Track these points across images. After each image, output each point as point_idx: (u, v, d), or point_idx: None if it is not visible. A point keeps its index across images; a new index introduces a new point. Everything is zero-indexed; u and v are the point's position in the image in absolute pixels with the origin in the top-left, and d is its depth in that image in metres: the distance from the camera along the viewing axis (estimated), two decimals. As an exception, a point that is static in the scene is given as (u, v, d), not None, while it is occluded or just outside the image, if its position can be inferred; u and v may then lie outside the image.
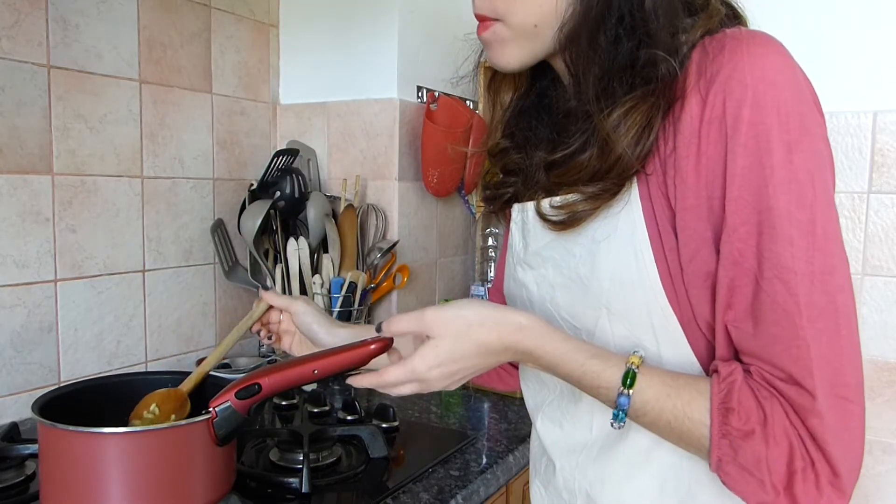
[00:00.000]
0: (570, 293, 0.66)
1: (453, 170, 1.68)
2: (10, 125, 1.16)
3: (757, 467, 0.55)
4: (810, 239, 0.54)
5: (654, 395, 0.58)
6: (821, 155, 0.56)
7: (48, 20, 1.21)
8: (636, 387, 0.58)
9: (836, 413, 0.54)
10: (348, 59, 1.64)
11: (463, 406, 1.37)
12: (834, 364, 0.54)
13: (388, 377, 0.63)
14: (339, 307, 1.51)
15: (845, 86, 1.41)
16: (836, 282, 0.55)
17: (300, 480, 0.94)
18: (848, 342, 0.55)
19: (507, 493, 1.14)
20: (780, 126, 0.55)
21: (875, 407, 1.44)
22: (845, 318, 0.55)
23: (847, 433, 0.55)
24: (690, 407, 0.57)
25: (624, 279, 0.61)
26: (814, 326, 0.54)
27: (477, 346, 0.62)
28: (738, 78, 0.56)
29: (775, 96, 0.55)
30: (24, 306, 1.20)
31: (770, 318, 0.55)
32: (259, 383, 0.78)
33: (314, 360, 0.74)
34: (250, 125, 1.64)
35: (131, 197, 1.37)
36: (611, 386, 0.59)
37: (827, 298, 0.54)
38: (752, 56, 0.56)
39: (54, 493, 0.78)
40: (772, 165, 0.54)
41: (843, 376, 0.54)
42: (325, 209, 1.56)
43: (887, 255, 1.41)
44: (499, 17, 0.66)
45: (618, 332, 0.63)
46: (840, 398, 0.54)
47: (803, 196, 0.54)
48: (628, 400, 0.58)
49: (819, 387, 0.54)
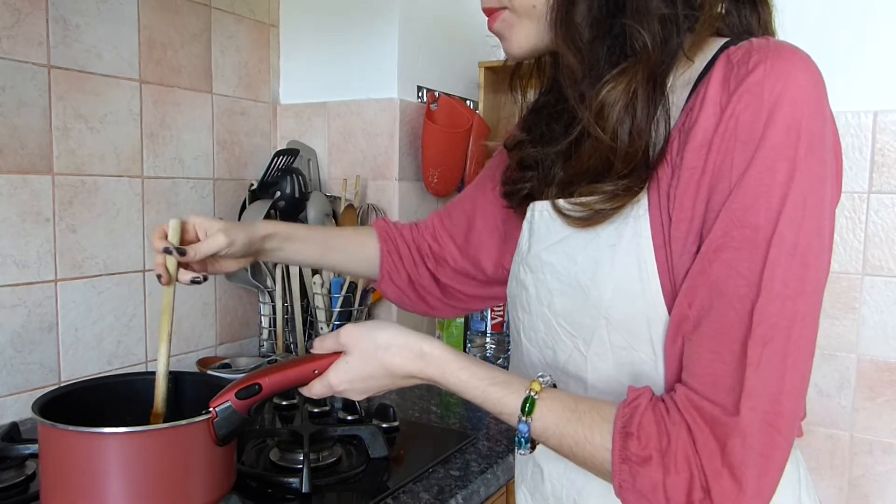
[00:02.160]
0: (568, 300, 0.66)
1: (453, 170, 1.68)
2: (11, 125, 1.17)
3: (654, 494, 0.54)
4: (789, 260, 0.53)
5: (555, 420, 0.58)
6: (820, 177, 0.55)
7: (48, 20, 1.21)
8: (535, 413, 0.59)
9: (762, 438, 0.53)
10: (348, 59, 1.64)
11: (463, 406, 1.37)
12: (773, 390, 0.53)
13: (313, 390, 0.71)
14: (340, 307, 1.51)
15: (845, 86, 1.41)
16: (799, 308, 0.54)
17: (300, 480, 0.94)
18: (793, 371, 0.53)
19: (507, 494, 1.14)
20: (790, 145, 0.54)
21: (875, 407, 1.44)
22: (796, 347, 0.53)
23: (766, 461, 0.53)
24: (591, 431, 0.57)
25: (626, 289, 0.61)
26: (763, 348, 0.53)
27: (384, 368, 0.66)
28: (758, 93, 0.55)
29: (791, 115, 0.54)
30: (24, 306, 1.20)
31: (715, 334, 0.55)
32: (259, 383, 0.78)
33: (314, 360, 0.74)
34: (250, 125, 1.64)
35: (131, 197, 1.37)
36: (512, 412, 0.60)
37: (786, 323, 0.53)
38: (776, 73, 0.55)
39: (54, 493, 0.78)
40: (770, 184, 0.54)
41: (779, 405, 0.53)
42: (325, 209, 1.56)
43: (887, 255, 1.41)
44: (503, 5, 0.69)
45: (616, 342, 0.62)
46: (769, 425, 0.53)
47: (793, 218, 0.54)
48: (528, 427, 0.59)
49: (747, 407, 0.52)
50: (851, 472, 1.47)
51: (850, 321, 1.45)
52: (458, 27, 1.83)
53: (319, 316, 1.54)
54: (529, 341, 0.72)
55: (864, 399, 1.45)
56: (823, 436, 1.49)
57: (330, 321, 1.53)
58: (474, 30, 1.92)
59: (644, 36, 0.59)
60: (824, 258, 0.55)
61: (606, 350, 0.63)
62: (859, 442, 1.46)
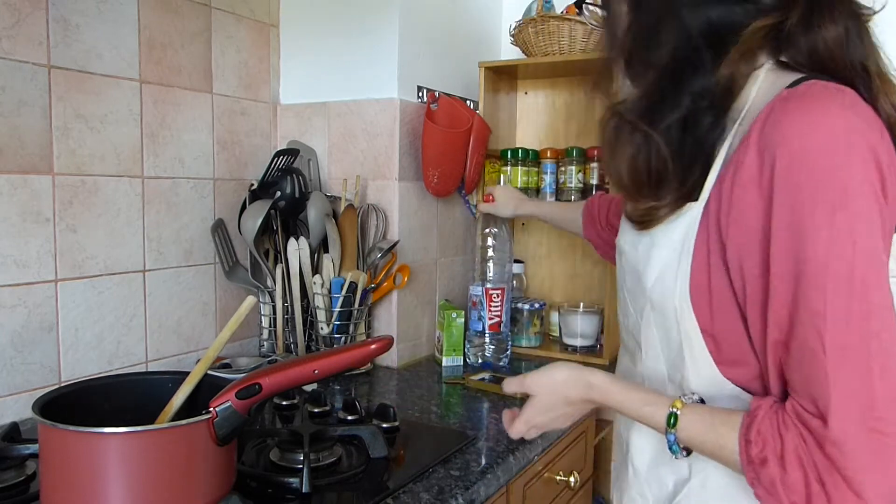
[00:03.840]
0: (632, 280, 0.81)
1: (454, 170, 1.68)
2: (11, 125, 1.17)
3: (773, 490, 0.63)
4: (847, 286, 0.60)
5: (696, 431, 0.70)
6: (866, 216, 0.61)
7: (48, 20, 1.21)
8: (679, 425, 0.71)
9: (865, 443, 0.60)
10: (348, 59, 1.64)
11: (463, 406, 1.37)
12: (863, 399, 0.60)
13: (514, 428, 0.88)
14: (340, 307, 1.51)
15: (846, 86, 1.41)
16: (872, 326, 0.60)
17: (300, 480, 0.94)
18: (881, 380, 0.60)
19: (507, 494, 1.14)
20: (823, 190, 0.61)
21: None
22: (879, 358, 0.60)
23: (878, 461, 0.60)
24: (725, 439, 0.68)
25: (665, 279, 0.74)
26: (842, 366, 0.60)
27: (564, 399, 0.83)
28: (787, 144, 0.62)
29: (821, 163, 0.61)
30: (24, 306, 1.20)
31: (801, 358, 0.63)
32: (259, 383, 0.78)
33: (314, 360, 0.74)
34: (251, 125, 1.64)
35: (132, 197, 1.37)
36: (660, 426, 0.73)
37: (860, 340, 0.60)
38: (808, 121, 0.62)
39: (55, 493, 0.78)
40: (813, 226, 0.61)
41: (875, 410, 0.60)
42: (325, 209, 1.56)
43: (888, 255, 1.41)
44: None
45: (656, 320, 0.76)
46: (871, 430, 0.60)
47: (842, 250, 0.60)
48: (674, 436, 0.72)
49: (837, 419, 0.60)
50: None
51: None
52: (458, 27, 1.83)
53: (319, 316, 1.54)
54: (618, 305, 0.89)
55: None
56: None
57: (330, 321, 1.53)
58: (474, 30, 1.92)
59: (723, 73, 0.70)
60: (884, 279, 0.62)
61: (651, 323, 0.78)
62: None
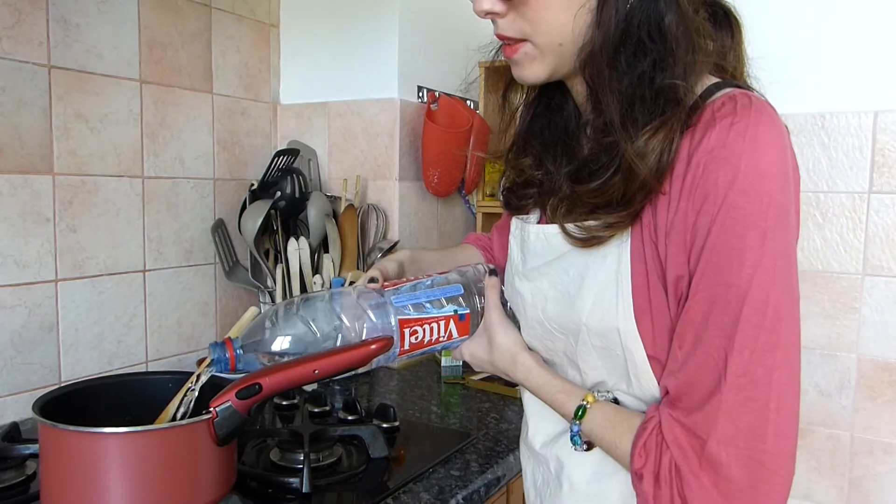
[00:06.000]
0: (559, 306, 0.74)
1: (454, 170, 1.68)
2: (11, 125, 1.17)
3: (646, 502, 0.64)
4: (760, 317, 0.59)
5: (598, 426, 0.70)
6: (787, 242, 0.61)
7: (49, 20, 1.21)
8: (585, 418, 0.71)
9: (745, 471, 0.59)
10: (349, 59, 1.64)
11: (463, 406, 1.37)
12: (755, 430, 0.59)
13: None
14: (340, 307, 1.51)
15: (845, 86, 1.40)
16: (776, 358, 0.59)
17: (301, 480, 0.94)
18: (776, 415, 0.59)
19: (507, 494, 1.14)
20: (760, 215, 0.59)
21: (875, 407, 1.44)
22: (778, 393, 0.59)
23: (752, 491, 0.59)
24: (620, 439, 0.68)
25: (603, 302, 0.69)
26: (739, 393, 0.59)
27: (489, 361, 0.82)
28: (734, 162, 0.59)
29: (762, 187, 0.59)
30: (24, 306, 1.20)
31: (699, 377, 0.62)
32: (259, 383, 0.78)
33: (314, 360, 0.74)
34: (251, 125, 1.64)
35: (132, 197, 1.37)
36: (568, 415, 0.73)
37: (763, 372, 0.59)
38: (753, 143, 0.59)
39: (55, 493, 0.78)
40: (742, 248, 0.59)
41: (764, 444, 0.59)
42: (325, 209, 1.56)
43: (888, 254, 1.41)
44: (525, 38, 0.68)
45: (595, 343, 0.72)
46: (755, 461, 0.59)
47: (763, 279, 0.59)
48: (578, 427, 0.72)
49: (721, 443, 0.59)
50: (852, 472, 1.47)
51: (851, 321, 1.45)
52: (458, 27, 1.83)
53: (320, 316, 1.54)
54: (528, 337, 0.81)
55: (864, 399, 1.45)
56: (824, 436, 1.49)
57: (330, 321, 1.52)
58: (474, 30, 1.92)
59: (689, 89, 0.63)
60: (795, 312, 0.61)
61: (589, 348, 0.73)
62: (859, 442, 1.46)
